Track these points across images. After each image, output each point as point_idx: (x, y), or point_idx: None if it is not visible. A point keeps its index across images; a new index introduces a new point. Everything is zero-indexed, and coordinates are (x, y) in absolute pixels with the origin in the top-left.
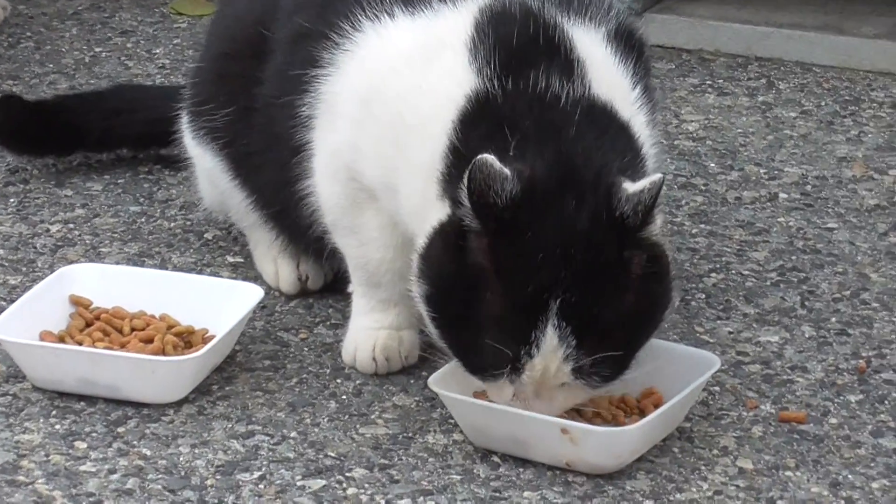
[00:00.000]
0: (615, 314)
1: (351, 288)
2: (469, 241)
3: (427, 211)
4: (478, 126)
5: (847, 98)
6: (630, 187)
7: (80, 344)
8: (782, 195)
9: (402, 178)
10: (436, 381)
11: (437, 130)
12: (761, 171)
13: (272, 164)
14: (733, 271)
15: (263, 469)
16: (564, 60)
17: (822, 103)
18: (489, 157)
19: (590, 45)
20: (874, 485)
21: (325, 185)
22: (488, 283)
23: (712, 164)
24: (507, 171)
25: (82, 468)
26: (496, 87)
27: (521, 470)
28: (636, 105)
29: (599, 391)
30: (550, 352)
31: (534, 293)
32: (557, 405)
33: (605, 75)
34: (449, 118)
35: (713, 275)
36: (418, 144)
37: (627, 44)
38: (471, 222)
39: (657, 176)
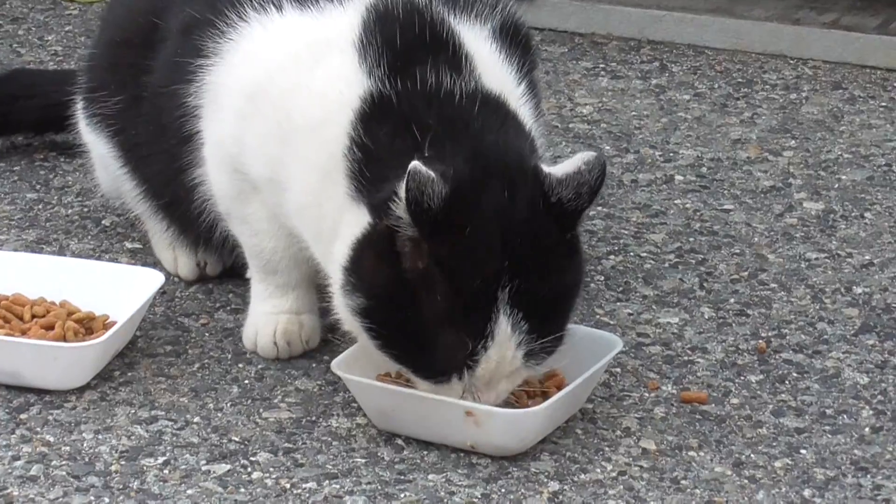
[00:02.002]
0: (558, 295)
1: (249, 274)
2: (403, 246)
3: (324, 208)
4: (382, 125)
5: (740, 80)
6: (555, 171)
7: None
8: (678, 177)
9: (291, 175)
10: (339, 364)
11: (335, 132)
12: (656, 153)
13: (160, 156)
14: (631, 253)
15: (168, 454)
16: (452, 57)
17: (715, 86)
18: (418, 164)
19: (476, 41)
20: (777, 464)
21: (213, 175)
22: (433, 284)
23: (607, 147)
24: (432, 173)
25: None
26: (388, 87)
27: (425, 452)
28: (522, 100)
29: (535, 372)
30: (505, 341)
31: (483, 285)
32: (503, 393)
33: (493, 71)
34: (346, 120)
35: (611, 257)
36: (312, 144)
37: (513, 39)
38: (406, 229)
39: (596, 155)
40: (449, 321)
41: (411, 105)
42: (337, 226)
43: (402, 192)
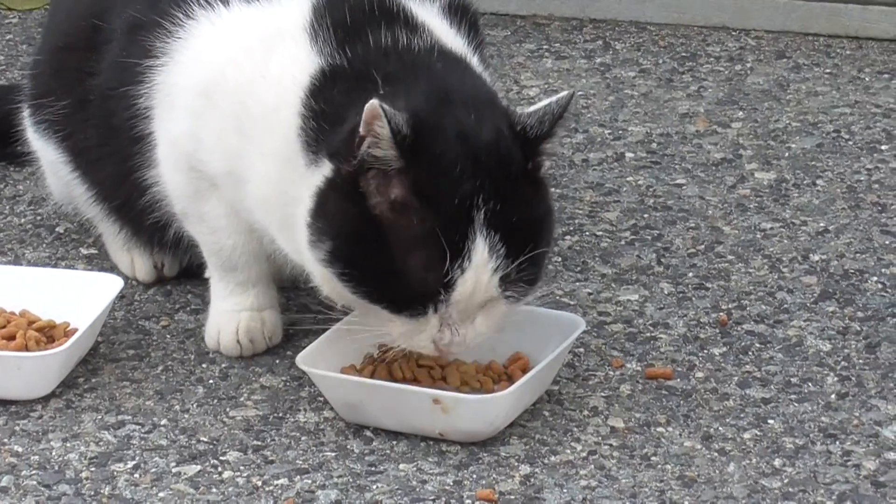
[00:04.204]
0: (531, 219)
1: (208, 273)
2: (368, 184)
3: (288, 194)
4: (335, 87)
5: (684, 54)
6: (527, 109)
7: None
8: (629, 154)
9: (250, 166)
10: (303, 359)
11: (286, 115)
12: (606, 131)
13: (111, 158)
14: (587, 233)
15: (137, 458)
16: (405, 23)
17: (660, 61)
18: (375, 101)
19: (427, 16)
20: (745, 435)
21: (168, 175)
22: (407, 212)
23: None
24: (387, 107)
25: None
26: (338, 57)
27: (394, 443)
28: (480, 68)
29: (515, 307)
30: (482, 263)
31: (459, 206)
32: (480, 329)
33: (448, 39)
34: (297, 100)
35: (567, 237)
36: (267, 132)
37: (462, 17)
38: (387, 162)
39: (567, 91)
40: (424, 245)
41: (365, 61)
42: (295, 206)
43: (378, 128)
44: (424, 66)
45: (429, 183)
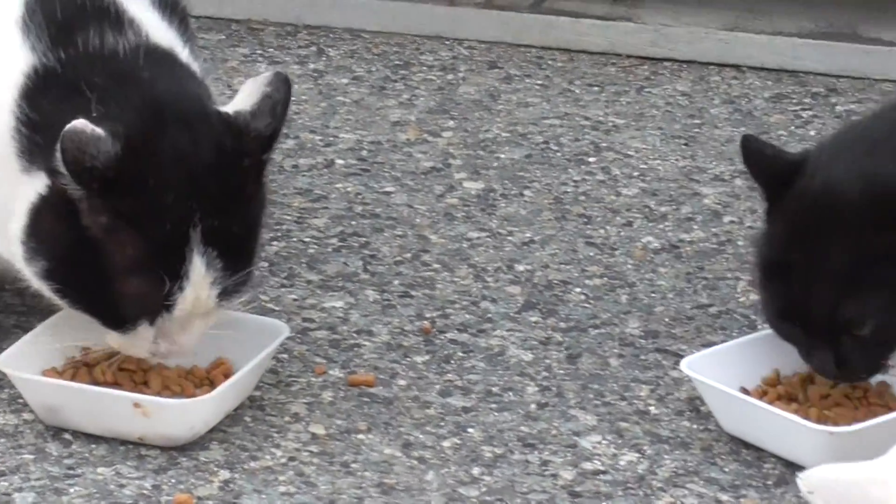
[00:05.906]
0: (246, 230)
1: None
2: (80, 203)
3: (4, 199)
4: (47, 95)
5: (397, 63)
6: (242, 106)
7: None
8: (339, 161)
9: None
10: (4, 361)
11: (0, 111)
12: (316, 138)
13: None
14: (294, 238)
15: None
16: (116, 20)
17: (373, 69)
18: (80, 123)
19: (137, 9)
20: (445, 443)
21: None
22: (120, 236)
23: None
24: (99, 131)
25: None
26: (51, 59)
27: (94, 446)
28: (191, 59)
29: (230, 308)
30: (200, 280)
31: (173, 229)
32: (197, 334)
33: (158, 33)
34: (10, 99)
35: (275, 243)
36: None
37: (173, 10)
38: (74, 190)
39: (270, 73)
40: (140, 268)
41: (76, 69)
42: (11, 204)
43: (59, 153)
44: (134, 77)
45: (139, 210)
